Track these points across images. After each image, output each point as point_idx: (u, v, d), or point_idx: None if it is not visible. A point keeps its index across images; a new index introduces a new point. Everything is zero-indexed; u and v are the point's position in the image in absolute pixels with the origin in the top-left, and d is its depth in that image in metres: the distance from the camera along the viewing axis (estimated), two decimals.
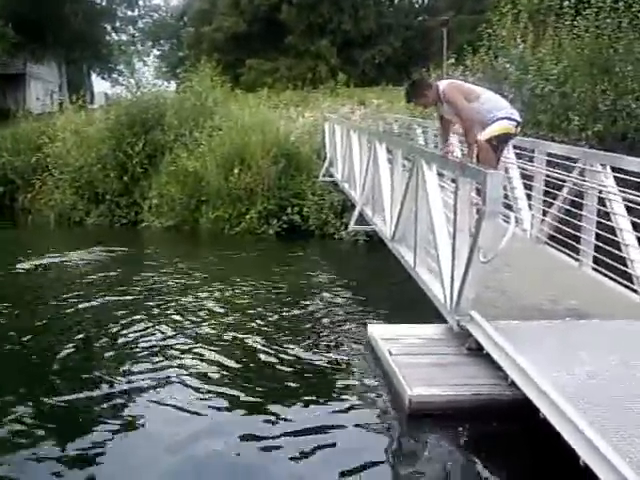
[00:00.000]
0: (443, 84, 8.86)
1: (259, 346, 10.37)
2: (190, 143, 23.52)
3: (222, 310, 12.66)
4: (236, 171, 21.36)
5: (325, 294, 13.79)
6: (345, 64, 50.87)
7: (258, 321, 11.76)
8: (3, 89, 44.51)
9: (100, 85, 63.73)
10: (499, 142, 8.80)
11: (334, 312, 12.25)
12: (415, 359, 8.07)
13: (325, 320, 11.72)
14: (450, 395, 7.20)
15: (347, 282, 14.75)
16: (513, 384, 6.57)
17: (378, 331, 9.22)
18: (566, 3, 19.07)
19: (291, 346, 10.29)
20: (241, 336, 10.91)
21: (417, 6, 60.15)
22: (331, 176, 20.56)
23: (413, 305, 10.41)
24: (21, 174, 28.46)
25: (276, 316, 12.06)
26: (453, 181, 10.08)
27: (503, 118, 8.70)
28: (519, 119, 8.96)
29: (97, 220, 24.58)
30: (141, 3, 59.95)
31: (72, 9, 49.61)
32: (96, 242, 19.90)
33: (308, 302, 13.09)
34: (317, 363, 9.60)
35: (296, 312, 12.32)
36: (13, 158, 28.74)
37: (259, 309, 12.58)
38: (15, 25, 42.20)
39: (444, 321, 8.53)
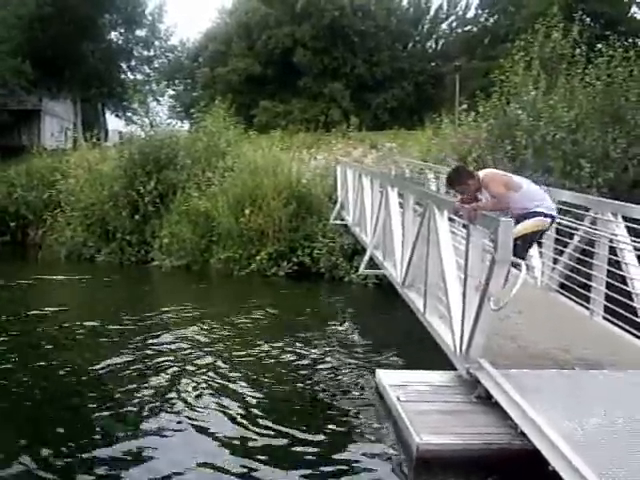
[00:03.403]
0: (484, 172, 8.97)
1: (265, 390, 10.33)
2: (202, 183, 23.63)
3: (227, 353, 12.59)
4: (247, 212, 21.38)
5: (334, 338, 13.73)
6: (358, 107, 51.19)
7: (264, 363, 11.72)
8: (18, 125, 44.84)
9: (114, 123, 64.21)
10: (532, 236, 8.97)
11: (342, 356, 12.18)
12: (423, 406, 8.00)
13: (333, 364, 11.65)
14: (459, 444, 7.13)
15: (356, 326, 14.70)
16: (522, 434, 6.51)
17: (387, 377, 9.15)
18: (578, 51, 19.26)
19: (298, 390, 10.24)
20: (245, 379, 10.87)
21: (430, 51, 60.56)
22: (342, 219, 20.54)
23: (422, 351, 10.36)
24: (33, 209, 28.69)
25: (284, 359, 12.02)
26: (464, 227, 10.12)
27: (540, 213, 8.82)
28: (555, 214, 9.21)
29: (107, 257, 24.56)
30: (157, 43, 60.34)
31: (89, 47, 50.24)
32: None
33: (317, 346, 13.03)
34: (325, 408, 9.56)
35: (304, 355, 12.26)
36: (26, 193, 29.01)
37: (266, 351, 12.52)
38: (32, 61, 42.66)
39: (453, 368, 8.48)
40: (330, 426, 9.01)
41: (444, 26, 60.83)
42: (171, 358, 12.02)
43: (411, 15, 60.01)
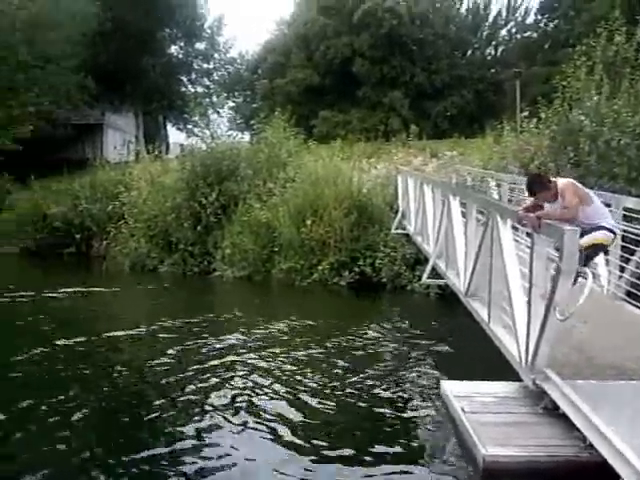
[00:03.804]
0: (563, 181, 8.95)
1: (331, 399, 10.35)
2: (263, 194, 23.78)
3: (292, 362, 12.64)
4: (309, 222, 21.46)
5: (397, 348, 13.71)
6: (417, 116, 50.99)
7: (328, 373, 11.75)
8: (82, 138, 45.62)
9: (175, 135, 65.00)
10: (595, 250, 9.04)
11: (406, 367, 12.15)
12: (489, 417, 7.92)
13: (397, 375, 11.62)
14: (525, 456, 7.04)
15: (419, 336, 14.62)
16: (591, 446, 6.40)
17: (451, 388, 9.08)
18: None
19: (363, 401, 10.22)
20: (311, 388, 10.92)
21: (489, 58, 60.08)
22: (404, 228, 20.43)
23: (486, 361, 10.24)
24: (97, 221, 29.17)
25: (348, 369, 12.03)
26: (528, 235, 10.01)
27: (606, 228, 8.90)
28: (617, 231, 9.41)
29: (170, 268, 24.85)
30: (216, 56, 60.97)
31: (150, 61, 50.98)
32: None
33: (380, 356, 13.03)
34: (389, 419, 9.55)
35: (368, 365, 12.24)
36: (90, 206, 29.49)
37: (330, 361, 12.54)
38: (95, 76, 43.44)
39: (518, 379, 8.37)
40: (394, 437, 8.99)
41: (503, 32, 60.39)
42: (234, 367, 12.16)
43: (470, 22, 59.65)
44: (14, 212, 32.54)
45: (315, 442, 8.76)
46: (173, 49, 58.49)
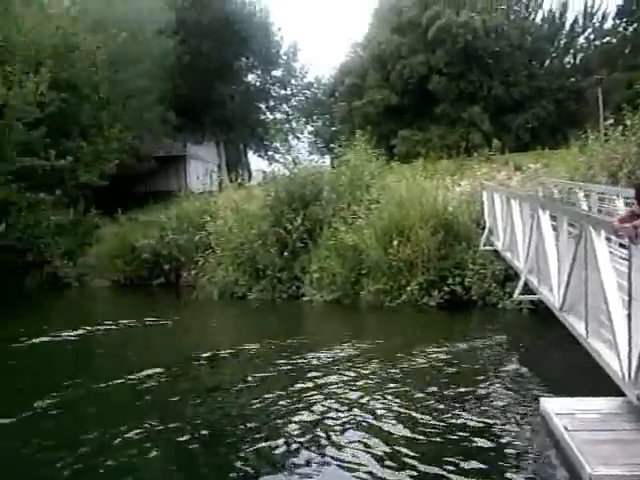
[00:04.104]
0: None
1: (426, 416, 10.31)
2: (348, 217, 23.83)
3: (384, 381, 12.59)
4: (395, 243, 21.41)
5: (491, 365, 13.56)
6: (498, 130, 50.45)
7: (423, 390, 11.70)
8: (166, 170, 46.45)
9: (256, 163, 65.81)
10: None
11: (503, 384, 12.01)
12: (593, 435, 7.77)
13: (494, 392, 11.49)
14: (634, 475, 6.85)
15: (514, 352, 14.49)
16: None
17: (551, 405, 8.95)
18: None
19: (457, 419, 10.13)
20: (406, 405, 10.89)
21: (569, 67, 59.15)
22: (492, 245, 20.19)
23: (585, 377, 10.07)
24: (185, 252, 29.57)
25: (443, 387, 11.95)
26: (621, 246, 9.82)
27: None
28: None
29: (259, 295, 25.04)
30: (293, 82, 61.65)
31: (228, 91, 51.82)
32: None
33: (474, 373, 12.91)
34: (487, 438, 9.41)
35: (462, 383, 12.15)
36: (177, 236, 29.91)
37: (426, 379, 12.49)
38: (175, 109, 44.38)
39: (621, 394, 8.19)
40: (494, 456, 8.90)
41: (581, 39, 59.39)
42: (321, 392, 12.17)
43: (546, 31, 58.82)
44: (103, 246, 33.26)
45: (407, 460, 8.72)
46: (250, 77, 59.44)
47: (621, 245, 10.37)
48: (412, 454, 8.95)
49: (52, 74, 32.18)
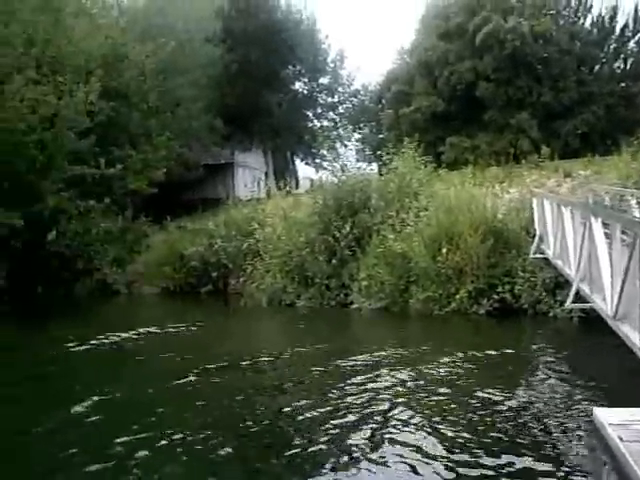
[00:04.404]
0: None
1: (476, 429, 10.23)
2: (397, 224, 23.76)
3: (431, 389, 12.53)
4: (444, 251, 21.29)
5: (542, 374, 13.45)
6: (547, 136, 50.01)
7: (474, 400, 11.59)
8: (214, 178, 46.77)
9: (304, 170, 66.02)
10: None
11: (555, 394, 11.87)
12: None
13: (545, 402, 11.37)
14: None
15: (566, 362, 14.34)
16: None
17: (605, 415, 8.86)
18: None
19: (510, 429, 10.06)
20: (454, 415, 10.85)
21: (619, 72, 58.48)
22: (542, 253, 19.96)
23: None
24: (233, 259, 29.64)
25: (494, 397, 11.84)
26: None
27: None
28: None
29: (307, 302, 25.06)
30: (340, 89, 61.78)
31: (276, 99, 52.08)
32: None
33: (525, 383, 12.82)
34: (539, 450, 9.30)
35: (513, 393, 12.06)
36: (226, 244, 30.02)
37: (472, 389, 12.37)
38: (223, 117, 44.73)
39: None
40: (546, 468, 8.75)
41: (632, 44, 58.59)
42: (368, 399, 12.16)
43: (595, 36, 58.16)
44: (152, 253, 33.55)
45: (454, 467, 8.66)
46: (297, 85, 59.63)
47: None
48: (450, 465, 8.91)
49: (102, 83, 32.60)
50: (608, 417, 8.77)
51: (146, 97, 37.60)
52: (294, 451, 9.90)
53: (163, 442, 10.37)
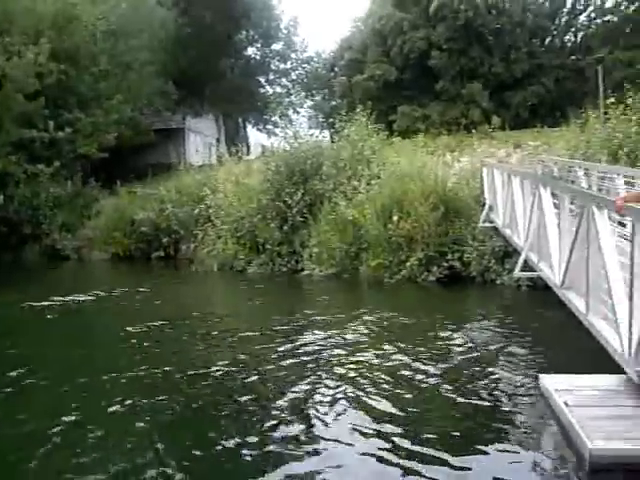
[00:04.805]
0: None
1: (426, 396, 10.37)
2: (348, 192, 23.82)
3: (384, 358, 12.58)
4: (395, 218, 21.39)
5: (491, 342, 13.59)
6: (498, 107, 50.51)
7: (423, 370, 11.69)
8: (165, 143, 46.29)
9: (255, 136, 65.73)
10: None
11: (502, 361, 12.01)
12: (593, 411, 7.86)
13: (493, 369, 11.48)
14: (635, 449, 6.95)
15: (513, 329, 14.50)
16: None
17: (551, 382, 9.03)
18: None
19: (459, 397, 10.16)
20: (404, 383, 10.93)
21: (569, 45, 59.01)
22: (491, 222, 20.16)
23: (585, 354, 10.16)
24: (184, 225, 29.56)
25: (442, 365, 11.97)
26: (620, 224, 9.87)
27: None
28: None
29: (258, 269, 25.13)
30: (293, 56, 61.61)
31: (228, 64, 51.64)
32: None
33: (474, 350, 12.95)
34: (487, 415, 9.47)
35: (462, 361, 12.20)
36: (177, 209, 29.89)
37: (423, 357, 12.48)
38: (175, 82, 44.23)
39: (620, 371, 8.26)
40: (494, 433, 8.92)
41: (582, 18, 59.16)
42: (315, 364, 12.34)
43: (547, 9, 58.61)
44: (102, 219, 33.26)
45: (411, 443, 8.69)
46: (250, 51, 59.29)
47: (620, 223, 10.45)
48: (399, 431, 9.00)
49: (51, 45, 32.07)
50: (554, 383, 8.94)
51: (97, 60, 37.04)
52: (246, 418, 9.98)
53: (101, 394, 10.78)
